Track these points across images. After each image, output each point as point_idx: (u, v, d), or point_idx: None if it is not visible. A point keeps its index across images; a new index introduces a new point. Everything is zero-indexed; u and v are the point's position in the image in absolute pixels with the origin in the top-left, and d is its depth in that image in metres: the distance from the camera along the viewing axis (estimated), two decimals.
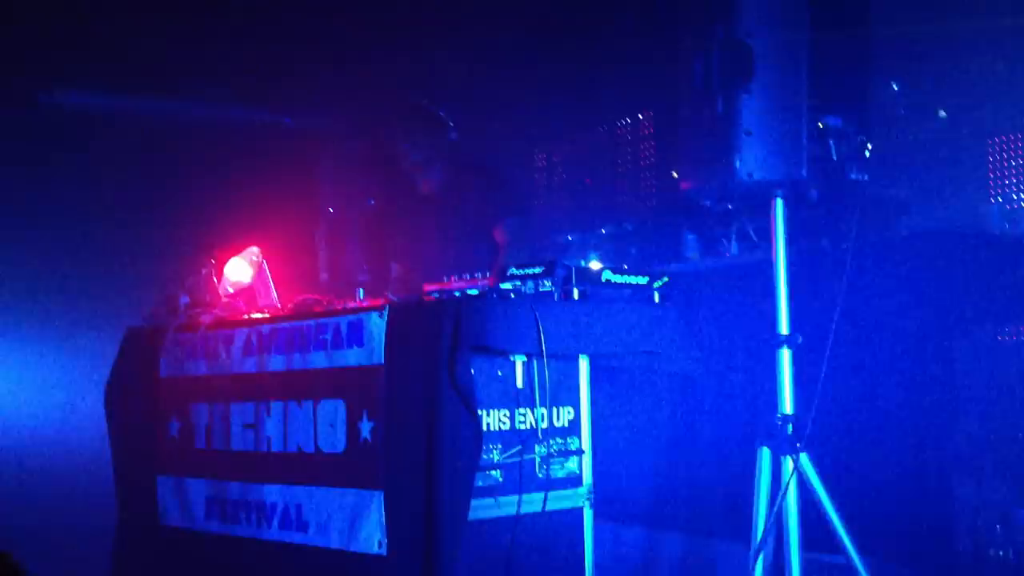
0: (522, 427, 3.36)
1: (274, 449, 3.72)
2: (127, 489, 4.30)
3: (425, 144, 4.16)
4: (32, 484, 5.12)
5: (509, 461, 3.31)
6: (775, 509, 2.93)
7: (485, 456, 3.25)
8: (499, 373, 3.33)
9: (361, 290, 3.90)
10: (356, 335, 3.45)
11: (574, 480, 3.46)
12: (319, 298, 3.96)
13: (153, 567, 4.16)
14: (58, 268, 5.32)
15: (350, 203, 5.02)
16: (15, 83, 5.17)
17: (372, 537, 3.29)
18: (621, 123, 5.83)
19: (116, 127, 5.15)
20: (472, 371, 3.17)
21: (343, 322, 3.52)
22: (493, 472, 3.28)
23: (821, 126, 3.04)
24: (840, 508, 2.91)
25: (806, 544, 2.95)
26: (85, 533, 4.51)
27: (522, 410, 3.36)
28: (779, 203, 3.11)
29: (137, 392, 4.33)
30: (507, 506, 3.28)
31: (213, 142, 5.17)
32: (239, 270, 4.34)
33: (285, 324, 3.81)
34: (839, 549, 2.90)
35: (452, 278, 3.48)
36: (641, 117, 5.61)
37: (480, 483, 3.21)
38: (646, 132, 5.58)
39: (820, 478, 2.91)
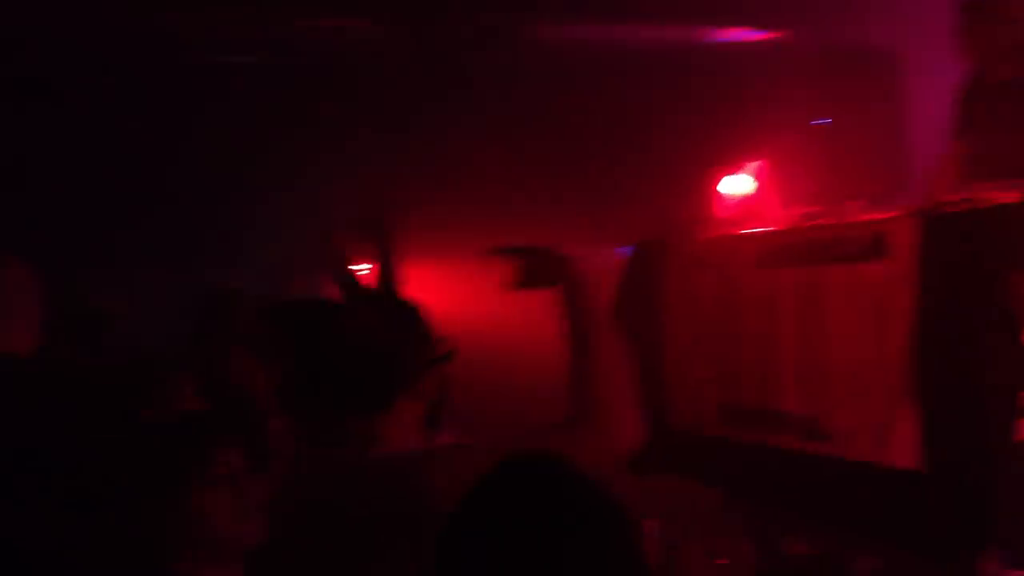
0: None
1: (789, 360, 3.77)
2: (642, 394, 4.59)
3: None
4: (499, 389, 5.48)
5: None
6: None
7: None
8: None
9: (869, 201, 3.78)
10: (880, 247, 3.36)
11: None
12: (829, 209, 3.90)
13: (667, 468, 4.44)
14: (557, 188, 5.71)
15: (852, 112, 4.87)
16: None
17: (902, 451, 3.23)
18: None
19: (604, 55, 5.34)
20: (1019, 287, 2.97)
21: (864, 234, 3.44)
22: None
23: None
24: None
25: None
26: None
27: None
28: None
29: (646, 305, 4.58)
30: None
31: (727, 59, 5.20)
32: (742, 183, 4.41)
33: (798, 237, 3.81)
34: None
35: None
36: None
37: None
38: None
39: None
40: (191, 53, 5.21)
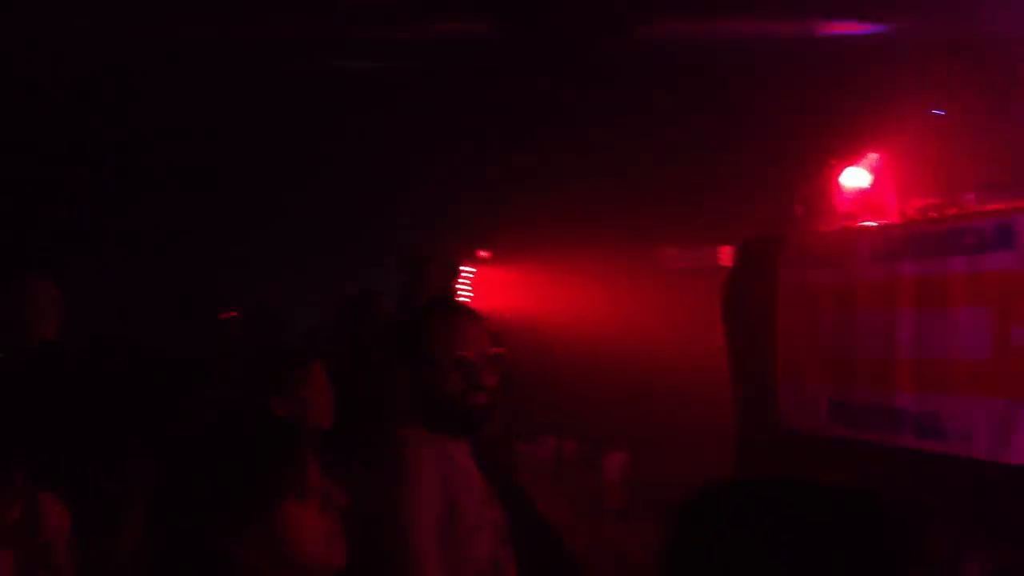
0: None
1: (906, 356, 3.66)
2: (747, 392, 4.51)
3: None
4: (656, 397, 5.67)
5: None
6: None
7: None
8: None
9: (990, 193, 3.63)
10: (1005, 238, 3.25)
11: None
12: (948, 201, 3.76)
13: (774, 466, 4.34)
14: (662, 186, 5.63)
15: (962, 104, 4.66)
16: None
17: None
18: None
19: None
20: None
21: (988, 225, 3.33)
22: None
23: None
24: None
25: None
26: (703, 433, 4.79)
27: None
28: None
29: (755, 300, 4.49)
30: None
31: (821, 55, 5.09)
32: (857, 176, 4.29)
33: (917, 229, 3.71)
34: None
35: None
36: None
37: None
38: None
39: None
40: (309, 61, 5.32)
